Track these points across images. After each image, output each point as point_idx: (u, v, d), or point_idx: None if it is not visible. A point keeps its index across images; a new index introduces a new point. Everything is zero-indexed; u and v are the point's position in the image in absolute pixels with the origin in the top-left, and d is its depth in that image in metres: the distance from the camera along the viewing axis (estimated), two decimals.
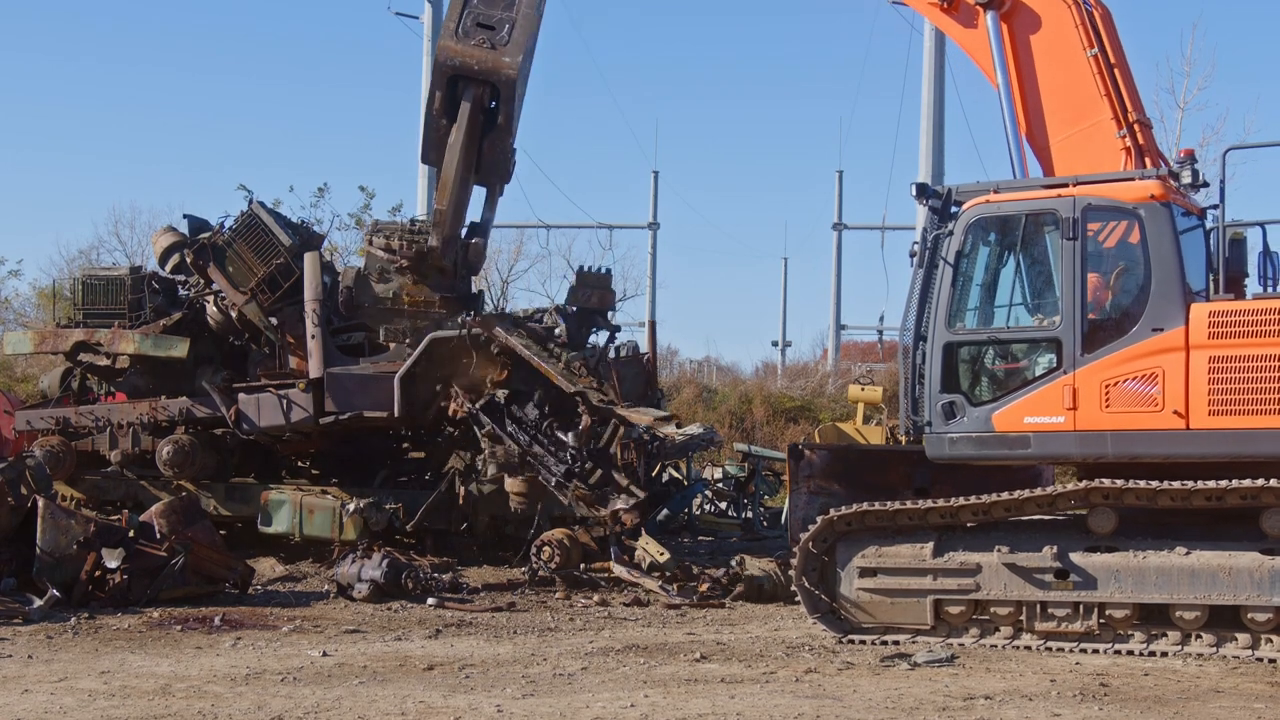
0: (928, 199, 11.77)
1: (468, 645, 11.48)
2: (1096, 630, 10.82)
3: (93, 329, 17.46)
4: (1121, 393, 10.83)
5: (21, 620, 12.26)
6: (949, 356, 11.43)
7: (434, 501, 15.98)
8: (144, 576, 13.29)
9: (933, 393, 11.39)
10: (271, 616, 12.91)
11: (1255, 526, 10.56)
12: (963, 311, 11.50)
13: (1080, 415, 10.93)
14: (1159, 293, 10.82)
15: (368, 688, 9.49)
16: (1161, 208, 10.92)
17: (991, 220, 11.49)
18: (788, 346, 55.67)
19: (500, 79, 14.97)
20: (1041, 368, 11.25)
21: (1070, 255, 11.02)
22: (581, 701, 9.02)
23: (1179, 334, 10.72)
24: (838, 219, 52.25)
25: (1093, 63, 12.40)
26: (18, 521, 13.39)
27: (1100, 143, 12.36)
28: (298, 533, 16.24)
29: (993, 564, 11.07)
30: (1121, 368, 10.85)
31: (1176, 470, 10.73)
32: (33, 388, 23.45)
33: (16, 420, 18.10)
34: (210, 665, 10.37)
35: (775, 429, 30.51)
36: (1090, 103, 12.45)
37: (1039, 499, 11.03)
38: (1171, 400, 10.68)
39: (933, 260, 11.46)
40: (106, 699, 9.09)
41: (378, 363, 16.19)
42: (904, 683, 9.70)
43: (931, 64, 30.72)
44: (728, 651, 11.06)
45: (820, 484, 12.52)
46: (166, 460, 16.69)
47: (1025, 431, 11.14)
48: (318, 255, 16.60)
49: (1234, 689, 9.45)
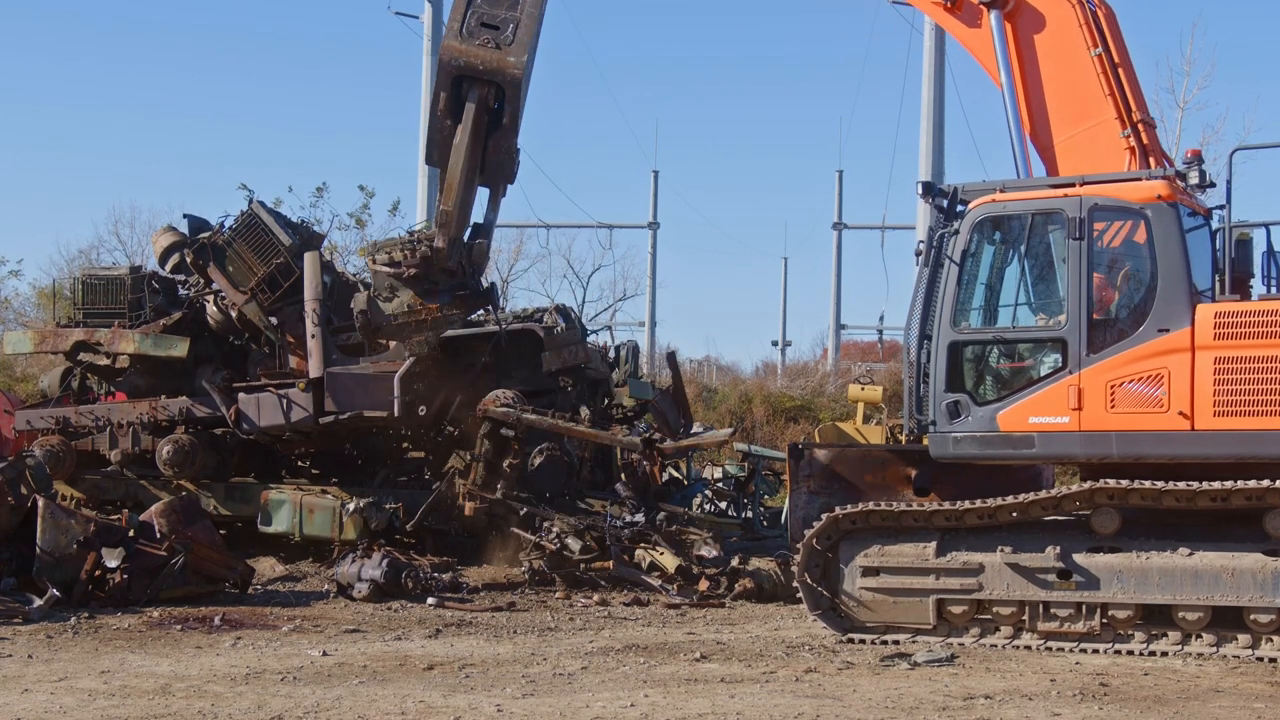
0: (934, 198, 11.76)
1: (468, 645, 11.47)
2: (1098, 630, 10.81)
3: (93, 329, 17.45)
4: (1127, 393, 10.81)
5: (21, 620, 12.25)
6: (954, 356, 11.40)
7: (434, 501, 15.96)
8: (144, 576, 13.27)
9: (937, 392, 11.36)
10: (271, 616, 12.89)
11: (1258, 528, 10.55)
12: (968, 310, 11.47)
13: (1085, 415, 10.90)
14: (1165, 293, 10.80)
15: (368, 687, 9.48)
16: (1168, 208, 10.89)
17: (997, 219, 11.47)
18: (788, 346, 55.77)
19: (505, 79, 14.95)
20: (1047, 367, 11.21)
21: (1076, 255, 10.99)
22: (581, 701, 9.00)
23: (1185, 335, 10.70)
24: (838, 219, 52.29)
25: (1096, 62, 12.39)
26: (18, 521, 13.38)
27: (1104, 142, 12.34)
28: (298, 532, 16.23)
29: (995, 564, 11.06)
30: (1127, 368, 10.82)
31: (1180, 471, 10.71)
32: (33, 387, 23.43)
33: (16, 420, 18.08)
34: (210, 665, 10.36)
35: (775, 429, 30.49)
36: (1094, 102, 12.43)
37: (1044, 501, 11.02)
38: (1177, 401, 10.65)
39: (938, 259, 11.44)
40: (106, 698, 9.08)
41: (378, 362, 16.18)
42: (904, 682, 9.68)
43: (931, 64, 30.72)
44: (728, 651, 11.05)
45: (820, 483, 12.49)
46: (166, 460, 16.67)
47: (1030, 431, 11.11)
48: (318, 255, 16.58)
49: (1234, 689, 9.44)
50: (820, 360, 46.68)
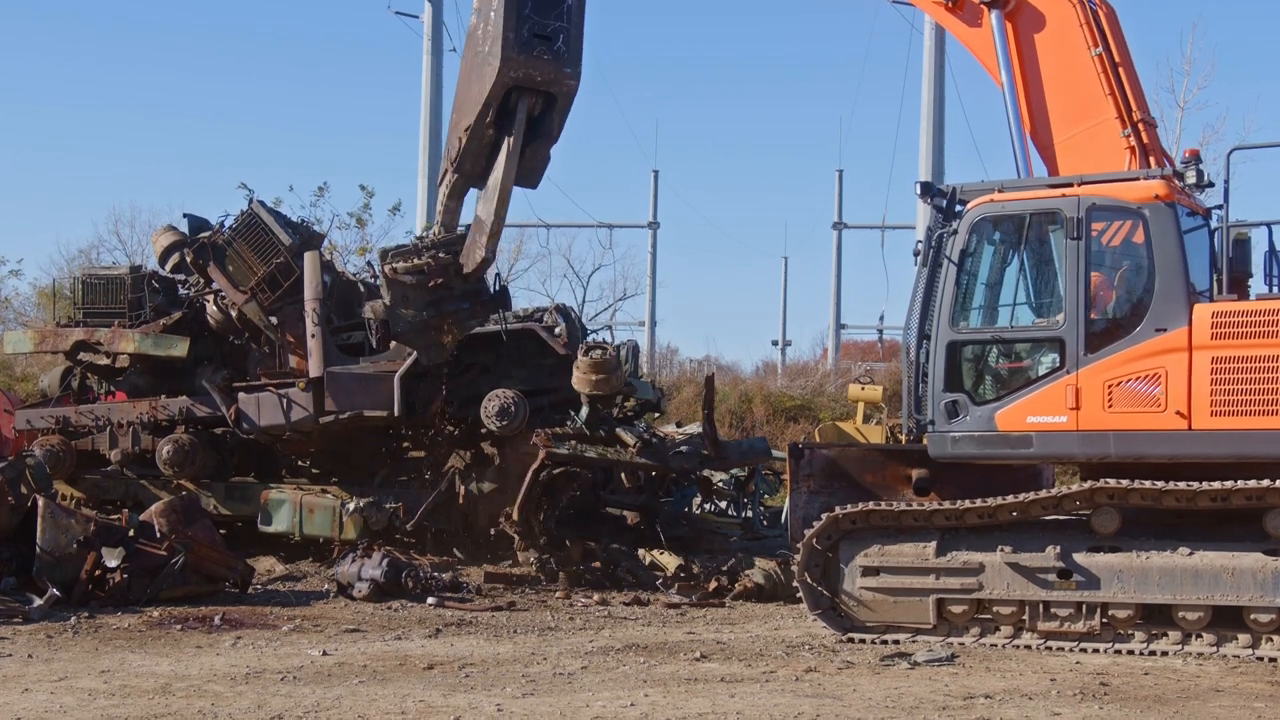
0: (932, 198, 11.77)
1: (468, 645, 11.46)
2: (1098, 630, 10.81)
3: (93, 328, 17.45)
4: (1124, 393, 10.81)
5: (21, 620, 12.25)
6: (952, 355, 11.41)
7: (434, 501, 15.96)
8: (144, 576, 13.26)
9: (936, 391, 11.37)
10: (271, 616, 12.89)
11: (1259, 527, 10.55)
12: (966, 310, 11.47)
13: (1083, 415, 10.90)
14: (1163, 293, 10.80)
15: (368, 687, 9.48)
16: (1166, 208, 10.89)
17: (996, 219, 11.47)
18: (788, 346, 55.74)
19: (562, 90, 14.92)
20: (1045, 367, 11.22)
21: (1074, 255, 10.99)
22: (581, 701, 9.00)
23: (1182, 334, 10.69)
24: (838, 218, 52.26)
25: (1097, 62, 12.39)
26: (18, 521, 13.38)
27: (1104, 142, 12.34)
28: (298, 532, 16.23)
29: (996, 564, 11.06)
30: (1125, 368, 10.82)
31: (1179, 471, 10.71)
32: (33, 387, 23.44)
33: (16, 420, 18.08)
34: (210, 664, 10.35)
35: (775, 428, 30.51)
36: (1094, 102, 12.43)
37: (1044, 500, 11.02)
38: (1174, 401, 10.65)
39: (937, 259, 11.45)
40: (106, 698, 9.08)
41: (378, 362, 16.18)
42: (904, 682, 9.68)
43: (931, 64, 30.73)
44: (728, 651, 11.05)
45: (820, 483, 12.51)
46: (166, 459, 16.67)
47: (1028, 431, 11.11)
48: (318, 254, 16.58)
49: (1234, 688, 9.44)
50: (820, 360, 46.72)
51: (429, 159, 34.00)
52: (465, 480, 15.99)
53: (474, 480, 15.97)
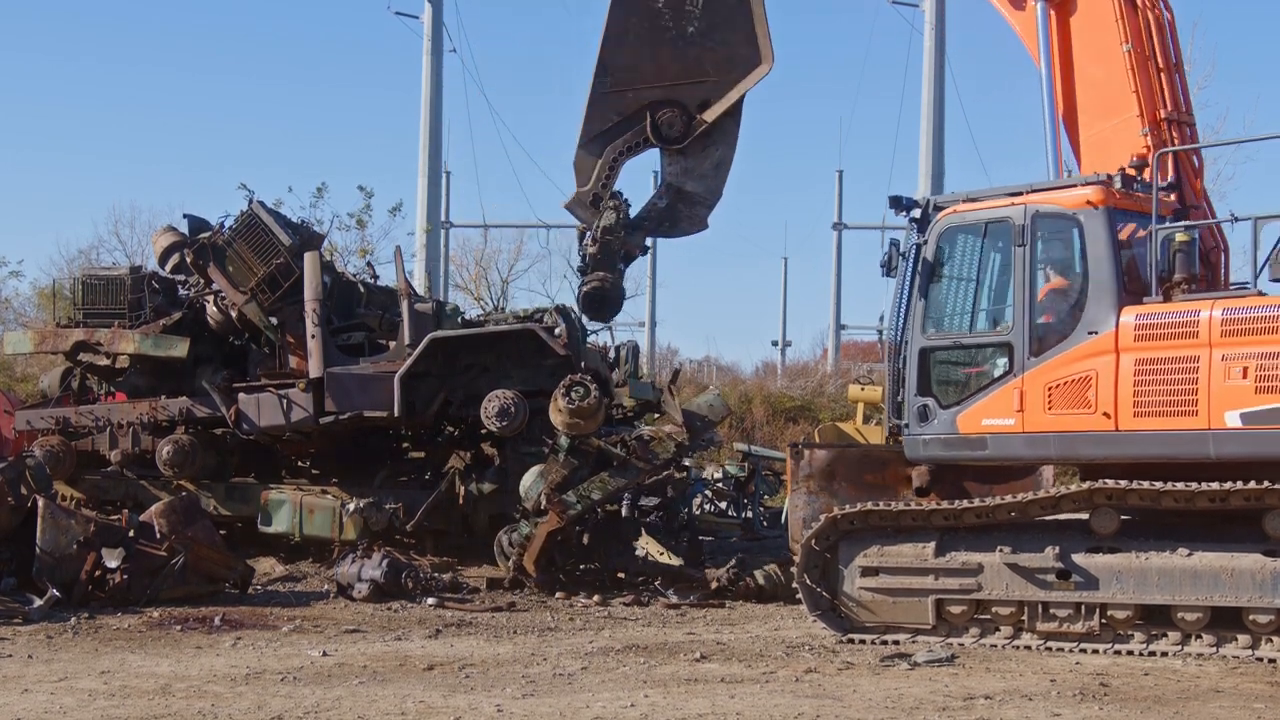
0: (905, 210, 12.12)
1: (468, 645, 11.47)
2: (1098, 631, 10.82)
3: (93, 329, 17.42)
4: (1061, 395, 11.03)
5: (21, 620, 12.26)
6: (924, 361, 11.79)
7: (434, 501, 15.97)
8: (144, 576, 13.28)
9: (909, 396, 11.76)
10: (271, 616, 12.90)
11: (1258, 528, 10.55)
12: (935, 317, 11.83)
13: (1027, 417, 11.16)
14: (1094, 296, 11.02)
15: (368, 687, 9.48)
16: (1098, 213, 11.09)
17: (959, 229, 11.83)
18: (788, 346, 55.80)
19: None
20: (998, 370, 11.48)
21: (1020, 262, 11.31)
22: (581, 701, 9.01)
23: (1110, 337, 10.88)
24: (838, 219, 52.21)
25: (1127, 57, 12.42)
26: (18, 521, 13.38)
27: (1124, 140, 12.40)
28: (298, 532, 16.23)
29: (995, 564, 11.08)
30: (1061, 370, 11.06)
31: (1108, 471, 10.85)
32: (33, 388, 23.44)
33: (16, 420, 18.08)
34: (210, 665, 10.36)
35: (775, 429, 30.55)
36: (1121, 98, 12.50)
37: (1043, 501, 11.06)
38: (1103, 402, 10.84)
39: (913, 268, 11.81)
40: (106, 699, 9.08)
41: (378, 362, 16.18)
42: (904, 682, 9.69)
43: (931, 64, 30.77)
44: (728, 651, 11.06)
45: (820, 483, 12.54)
46: (166, 460, 16.66)
47: (983, 433, 11.42)
48: (318, 255, 16.58)
49: (1234, 689, 9.44)
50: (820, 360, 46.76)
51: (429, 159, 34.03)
52: (465, 481, 15.99)
53: (474, 481, 15.97)
